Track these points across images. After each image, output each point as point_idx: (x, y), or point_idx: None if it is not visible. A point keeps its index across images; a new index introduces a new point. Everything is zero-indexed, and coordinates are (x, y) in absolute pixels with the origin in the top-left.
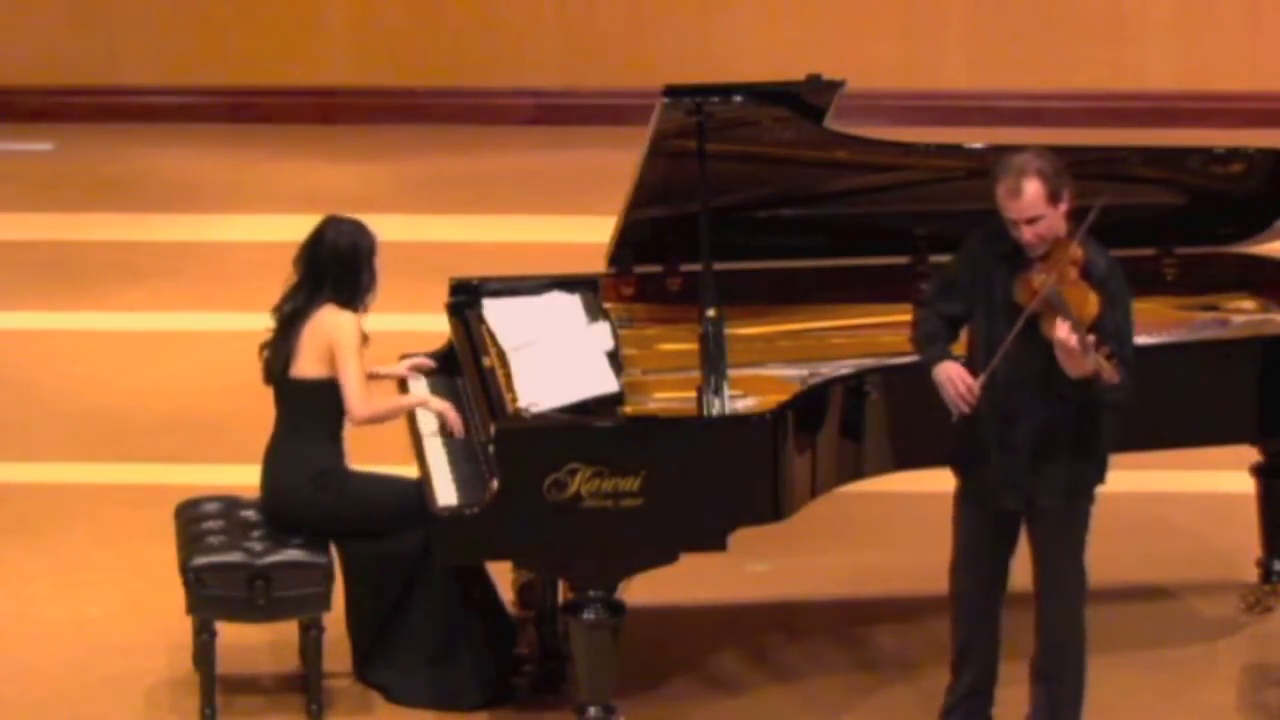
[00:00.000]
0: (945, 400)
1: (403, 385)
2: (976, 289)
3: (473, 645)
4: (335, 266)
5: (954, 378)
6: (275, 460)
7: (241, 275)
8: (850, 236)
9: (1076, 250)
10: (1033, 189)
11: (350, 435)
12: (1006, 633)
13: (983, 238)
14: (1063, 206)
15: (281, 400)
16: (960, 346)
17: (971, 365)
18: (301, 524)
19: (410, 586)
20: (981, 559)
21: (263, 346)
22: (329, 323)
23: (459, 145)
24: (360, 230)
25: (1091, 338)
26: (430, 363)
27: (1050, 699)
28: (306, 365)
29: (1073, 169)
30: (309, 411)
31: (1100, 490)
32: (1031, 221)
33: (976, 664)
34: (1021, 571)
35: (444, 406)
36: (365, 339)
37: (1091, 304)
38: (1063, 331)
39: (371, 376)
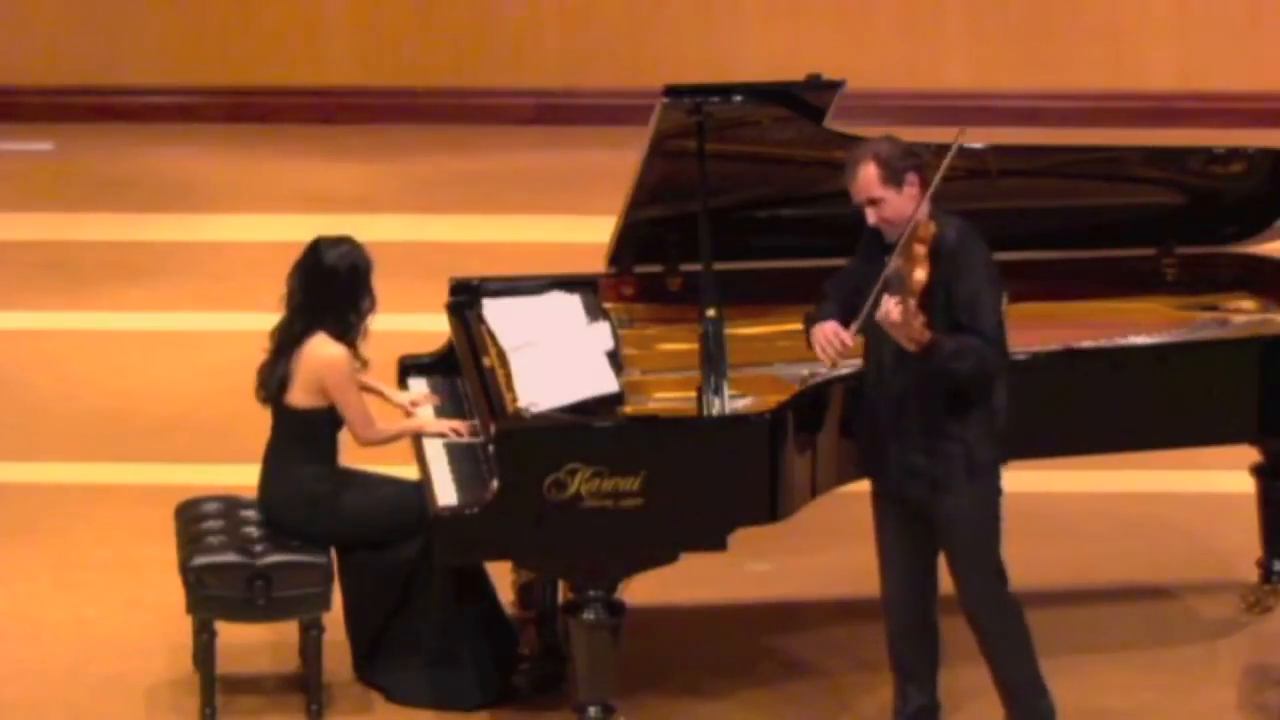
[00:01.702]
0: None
1: (402, 383)
2: (871, 275)
3: (473, 645)
4: (337, 292)
5: (823, 329)
6: (271, 476)
7: (241, 275)
8: (850, 236)
9: (928, 228)
10: (865, 172)
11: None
12: None
13: (872, 226)
14: (909, 190)
15: (276, 422)
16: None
17: (868, 350)
18: (300, 538)
19: (410, 588)
20: (906, 558)
21: (260, 368)
22: (319, 357)
23: (460, 145)
24: (357, 251)
25: (913, 302)
26: (436, 400)
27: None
28: (300, 395)
29: (1072, 168)
30: (302, 437)
31: (1102, 490)
32: (873, 204)
33: (918, 683)
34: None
35: (445, 429)
36: (365, 363)
37: (918, 276)
38: (884, 307)
39: (370, 390)
